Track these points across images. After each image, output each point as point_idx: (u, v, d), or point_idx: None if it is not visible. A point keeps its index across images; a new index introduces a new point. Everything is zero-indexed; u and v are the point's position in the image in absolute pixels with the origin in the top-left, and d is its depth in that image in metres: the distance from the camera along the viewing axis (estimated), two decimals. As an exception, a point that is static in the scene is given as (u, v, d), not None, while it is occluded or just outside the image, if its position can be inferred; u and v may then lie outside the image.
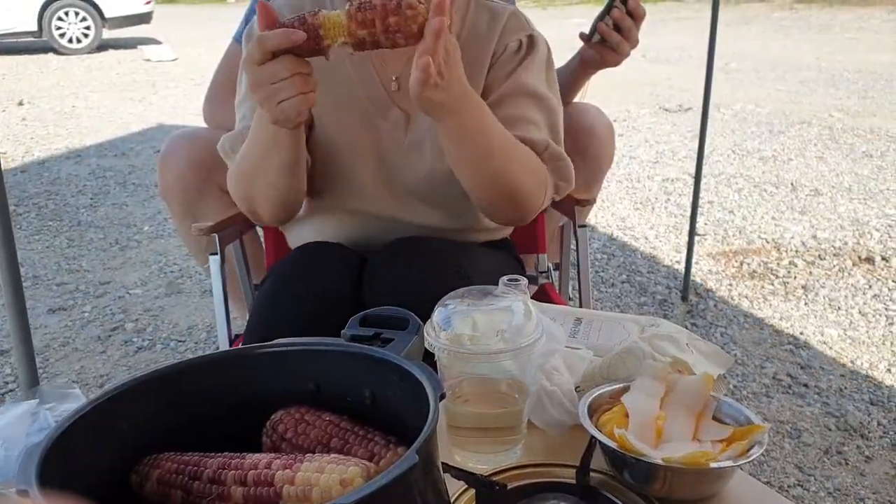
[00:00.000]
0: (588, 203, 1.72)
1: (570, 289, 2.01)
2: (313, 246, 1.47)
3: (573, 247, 1.80)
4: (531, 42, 1.44)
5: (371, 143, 1.42)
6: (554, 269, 2.02)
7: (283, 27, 1.08)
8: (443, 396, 0.67)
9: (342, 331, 0.88)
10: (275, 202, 1.38)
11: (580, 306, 1.75)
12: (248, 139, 1.32)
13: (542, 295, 1.82)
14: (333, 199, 1.47)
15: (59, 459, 0.64)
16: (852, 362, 2.62)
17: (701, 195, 3.23)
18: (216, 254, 1.71)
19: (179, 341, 2.83)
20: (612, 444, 0.88)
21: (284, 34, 1.07)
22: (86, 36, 11.23)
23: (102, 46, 11.46)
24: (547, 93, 1.43)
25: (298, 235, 1.57)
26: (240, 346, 1.54)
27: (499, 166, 1.30)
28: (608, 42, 1.79)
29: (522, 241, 1.79)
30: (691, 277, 3.18)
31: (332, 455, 0.68)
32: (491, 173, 1.31)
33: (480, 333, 0.95)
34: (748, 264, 3.49)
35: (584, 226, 1.73)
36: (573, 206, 1.69)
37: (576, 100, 2.04)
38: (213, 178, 2.04)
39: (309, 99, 1.13)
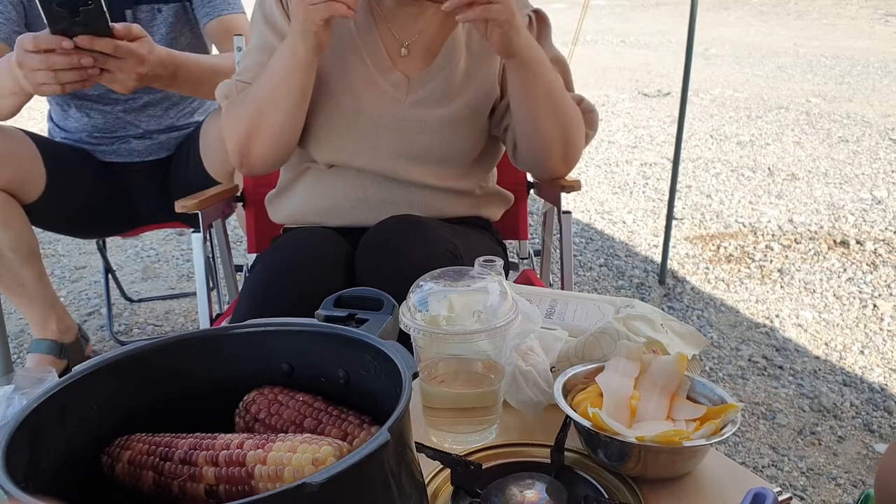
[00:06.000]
0: (573, 188, 1.72)
1: (551, 275, 2.01)
2: (303, 231, 1.48)
3: (555, 232, 1.79)
4: (539, 16, 1.54)
5: (371, 99, 1.46)
6: (535, 255, 2.02)
7: None
8: (416, 375, 0.67)
9: (316, 311, 0.87)
10: (273, 137, 1.43)
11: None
12: (266, 70, 1.40)
13: (523, 280, 1.82)
14: (330, 153, 1.49)
15: (26, 441, 0.63)
16: (826, 344, 2.65)
17: (679, 179, 3.24)
18: (199, 231, 1.70)
19: (156, 326, 2.81)
20: (587, 424, 0.88)
21: None
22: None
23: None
24: (560, 53, 1.55)
25: (287, 204, 1.59)
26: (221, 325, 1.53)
27: (559, 101, 1.43)
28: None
29: (505, 228, 1.79)
30: (668, 261, 3.20)
31: (305, 435, 0.67)
32: (554, 108, 1.42)
33: (456, 314, 0.95)
34: (725, 248, 3.51)
35: (567, 212, 1.73)
36: (559, 191, 1.69)
37: None
38: None
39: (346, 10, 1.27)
